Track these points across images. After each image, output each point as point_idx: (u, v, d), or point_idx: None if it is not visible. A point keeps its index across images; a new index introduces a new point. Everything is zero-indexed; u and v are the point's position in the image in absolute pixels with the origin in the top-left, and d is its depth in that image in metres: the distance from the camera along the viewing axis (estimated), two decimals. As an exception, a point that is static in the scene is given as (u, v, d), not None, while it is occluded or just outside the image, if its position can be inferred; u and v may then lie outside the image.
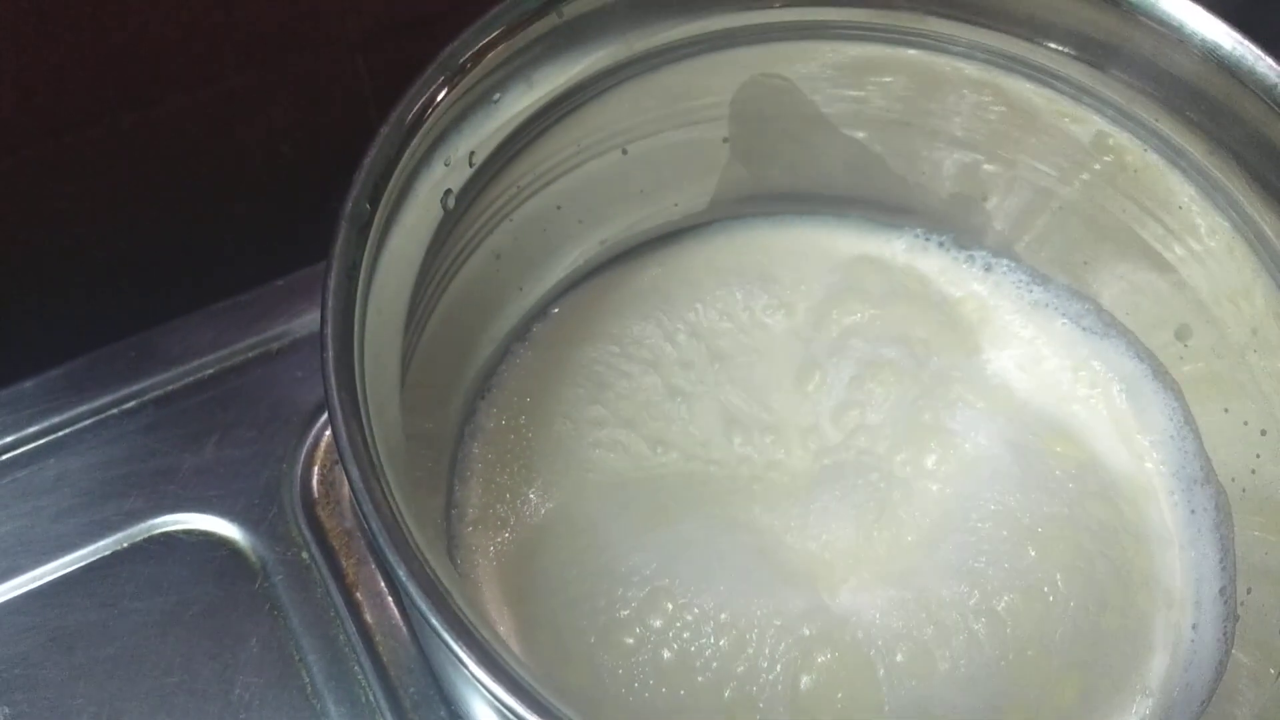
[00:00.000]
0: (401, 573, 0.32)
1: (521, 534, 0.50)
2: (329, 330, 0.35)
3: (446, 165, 0.42)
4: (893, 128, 0.53)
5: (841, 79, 0.51)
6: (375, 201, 0.38)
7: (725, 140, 0.54)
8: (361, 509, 0.32)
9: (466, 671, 0.31)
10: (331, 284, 0.36)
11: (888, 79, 0.51)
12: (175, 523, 0.53)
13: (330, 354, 0.35)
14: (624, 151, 0.52)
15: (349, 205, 0.37)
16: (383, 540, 0.32)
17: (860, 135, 0.54)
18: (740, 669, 0.45)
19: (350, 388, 0.35)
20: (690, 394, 0.53)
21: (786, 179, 0.56)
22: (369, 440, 0.34)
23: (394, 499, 0.34)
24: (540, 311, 0.55)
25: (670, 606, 0.46)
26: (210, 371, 0.56)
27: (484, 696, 0.31)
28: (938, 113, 0.51)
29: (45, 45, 0.54)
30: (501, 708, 0.31)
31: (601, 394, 0.53)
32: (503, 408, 0.53)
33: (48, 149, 0.58)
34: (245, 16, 0.58)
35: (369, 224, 0.38)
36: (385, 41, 0.63)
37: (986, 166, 0.53)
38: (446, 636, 0.31)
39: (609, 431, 0.52)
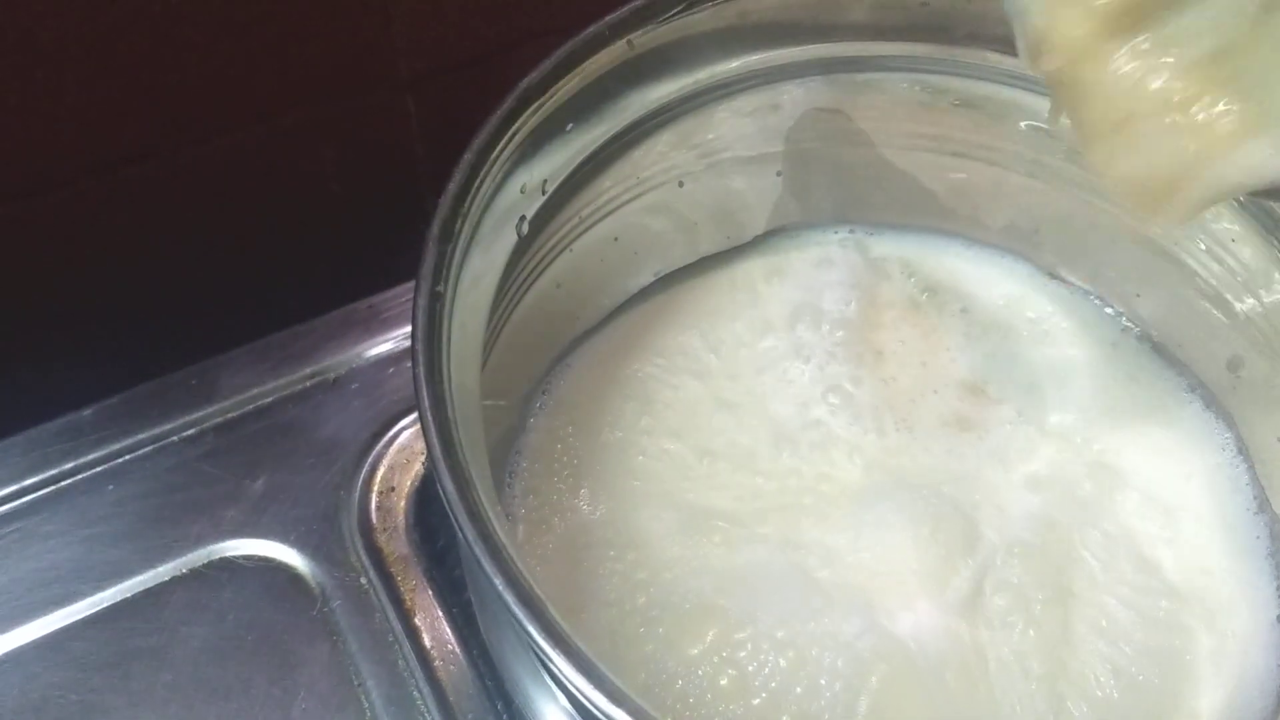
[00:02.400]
0: (502, 586, 0.32)
1: (570, 546, 0.49)
2: (419, 346, 0.36)
3: (522, 192, 0.43)
4: (947, 161, 0.54)
5: (897, 113, 0.52)
6: (460, 223, 0.39)
7: (778, 174, 0.55)
8: (462, 530, 0.33)
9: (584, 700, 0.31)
10: (421, 303, 0.37)
11: (943, 113, 0.52)
12: (234, 548, 0.53)
13: (421, 369, 0.36)
14: (680, 184, 0.53)
15: (435, 227, 0.38)
16: (486, 561, 0.32)
17: (914, 169, 0.55)
18: (799, 689, 0.45)
19: (440, 402, 0.36)
20: (736, 405, 0.53)
21: (838, 213, 0.57)
22: (461, 453, 0.35)
23: (492, 523, 0.34)
24: (590, 330, 0.56)
25: (726, 623, 0.46)
26: (269, 400, 0.57)
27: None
28: (992, 146, 0.52)
29: (105, 80, 0.55)
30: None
31: (649, 405, 0.53)
32: (550, 419, 0.53)
33: (105, 182, 0.59)
34: (299, 57, 0.59)
35: (454, 245, 0.38)
36: (434, 82, 0.65)
37: (1038, 199, 0.54)
38: (561, 662, 0.31)
39: (655, 440, 0.52)
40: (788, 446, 0.52)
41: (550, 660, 0.32)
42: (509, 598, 0.32)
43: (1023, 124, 0.51)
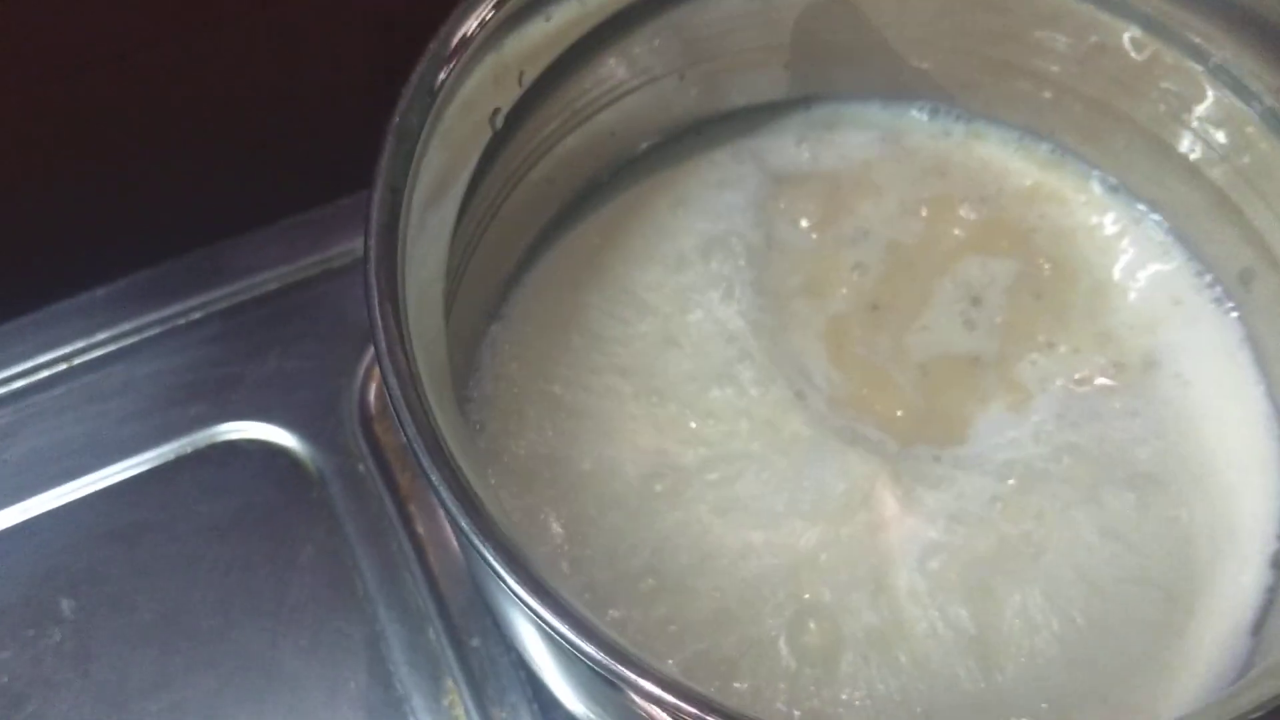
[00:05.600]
0: (442, 488, 0.33)
1: (518, 480, 0.47)
2: (372, 243, 0.36)
3: (496, 83, 0.42)
4: (962, 58, 0.51)
5: (910, 5, 0.50)
6: (422, 116, 0.38)
7: (785, 66, 0.53)
8: (407, 435, 0.33)
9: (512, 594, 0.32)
10: (376, 198, 0.36)
11: (960, 9, 0.49)
12: (237, 430, 0.54)
13: (373, 267, 0.36)
14: (681, 77, 0.52)
15: (395, 120, 0.38)
16: (425, 459, 0.33)
17: (926, 66, 0.52)
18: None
19: (393, 299, 0.36)
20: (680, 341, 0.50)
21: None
22: (409, 353, 0.35)
23: (440, 428, 0.34)
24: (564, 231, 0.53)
25: (664, 587, 0.44)
26: (275, 286, 0.57)
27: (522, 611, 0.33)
28: (1008, 42, 0.50)
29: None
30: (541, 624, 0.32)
31: (599, 342, 0.50)
32: (496, 350, 0.50)
33: (115, 72, 0.59)
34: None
35: (416, 140, 0.38)
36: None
37: (1049, 96, 0.51)
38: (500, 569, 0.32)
39: (604, 379, 0.49)
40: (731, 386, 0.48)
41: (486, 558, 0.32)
42: (445, 494, 0.33)
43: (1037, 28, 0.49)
